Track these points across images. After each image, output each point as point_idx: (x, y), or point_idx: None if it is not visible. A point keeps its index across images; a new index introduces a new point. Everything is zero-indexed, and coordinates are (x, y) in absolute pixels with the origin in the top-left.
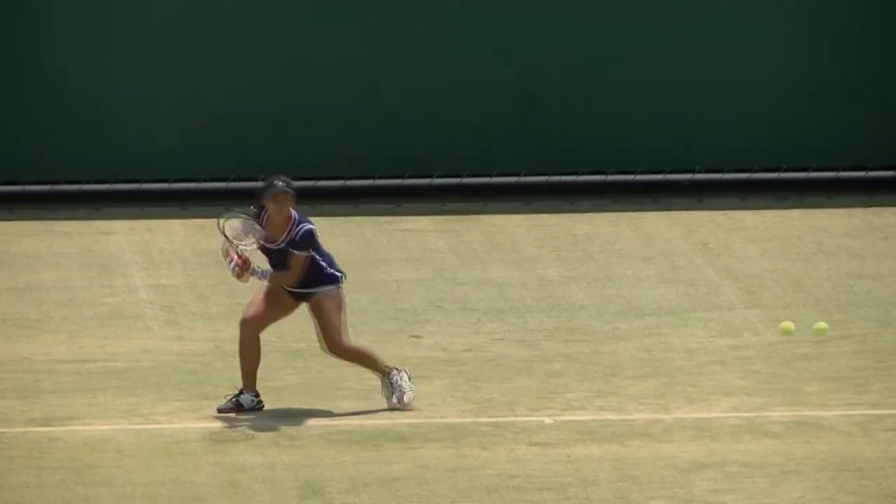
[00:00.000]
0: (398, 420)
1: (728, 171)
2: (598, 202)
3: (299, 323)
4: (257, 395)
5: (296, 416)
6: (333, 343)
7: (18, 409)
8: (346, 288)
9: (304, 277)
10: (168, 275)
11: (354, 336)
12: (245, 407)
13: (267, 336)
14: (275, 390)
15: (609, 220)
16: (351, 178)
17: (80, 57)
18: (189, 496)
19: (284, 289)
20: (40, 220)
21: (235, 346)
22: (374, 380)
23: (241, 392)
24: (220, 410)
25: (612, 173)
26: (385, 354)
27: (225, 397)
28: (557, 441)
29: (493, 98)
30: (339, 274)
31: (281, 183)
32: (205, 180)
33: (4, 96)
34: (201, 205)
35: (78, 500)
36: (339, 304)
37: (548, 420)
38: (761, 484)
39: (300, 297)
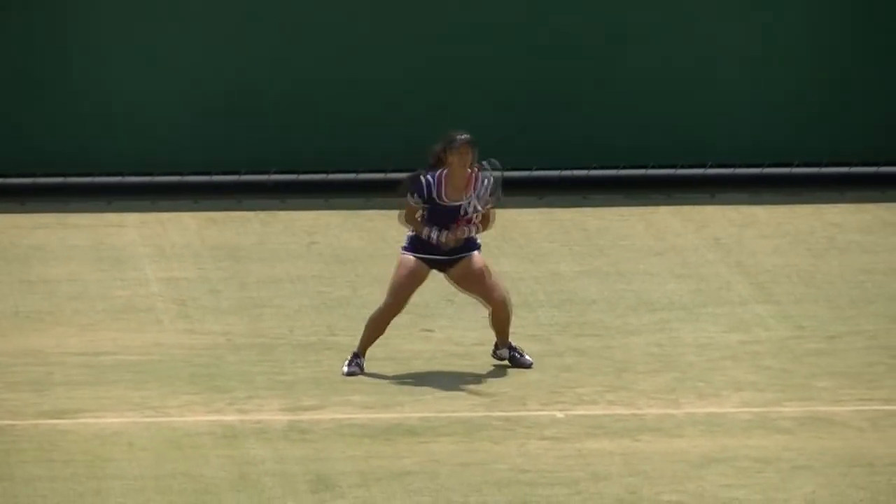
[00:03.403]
0: (410, 414)
1: (740, 167)
2: (611, 197)
3: (311, 316)
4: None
5: (307, 409)
6: (502, 292)
7: (30, 401)
8: (359, 281)
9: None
10: (180, 268)
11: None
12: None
13: (278, 330)
14: (286, 384)
15: (621, 215)
16: (363, 172)
17: (90, 49)
18: (199, 489)
19: (433, 257)
20: (52, 213)
21: (246, 340)
22: (385, 374)
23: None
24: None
25: (624, 168)
26: (397, 348)
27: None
28: (568, 435)
29: (506, 93)
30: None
31: (463, 136)
32: (217, 173)
33: (15, 90)
34: (213, 198)
35: (89, 493)
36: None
37: (559, 414)
38: (772, 479)
39: (446, 264)
